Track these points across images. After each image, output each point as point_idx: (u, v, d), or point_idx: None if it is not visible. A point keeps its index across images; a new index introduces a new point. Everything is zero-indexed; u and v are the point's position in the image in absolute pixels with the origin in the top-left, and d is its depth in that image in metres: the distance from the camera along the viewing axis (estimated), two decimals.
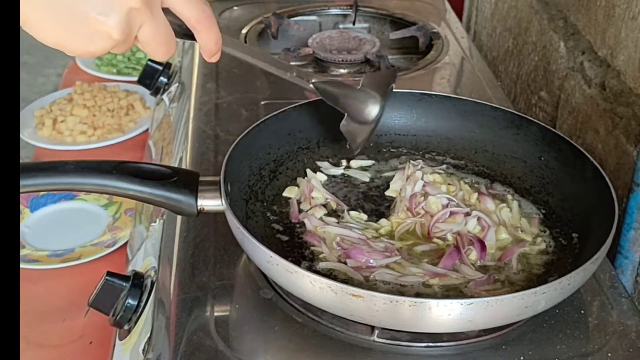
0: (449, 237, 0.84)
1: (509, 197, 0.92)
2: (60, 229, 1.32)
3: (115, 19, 0.62)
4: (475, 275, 0.79)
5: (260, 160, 0.93)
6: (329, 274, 0.79)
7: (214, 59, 0.75)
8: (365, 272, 0.79)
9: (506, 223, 0.87)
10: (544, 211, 0.90)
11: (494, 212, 0.89)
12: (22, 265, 1.20)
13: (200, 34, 0.71)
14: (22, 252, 1.25)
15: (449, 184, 0.92)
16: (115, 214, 1.34)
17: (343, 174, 0.96)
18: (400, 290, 0.77)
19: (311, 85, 0.87)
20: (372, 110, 0.89)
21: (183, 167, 1.02)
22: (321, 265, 0.80)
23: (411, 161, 0.96)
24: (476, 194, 0.91)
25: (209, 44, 0.73)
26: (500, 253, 0.83)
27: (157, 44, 0.67)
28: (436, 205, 0.87)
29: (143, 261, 0.97)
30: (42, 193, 1.36)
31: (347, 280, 0.78)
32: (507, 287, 0.79)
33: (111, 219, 1.33)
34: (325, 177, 0.95)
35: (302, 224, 0.87)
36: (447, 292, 0.77)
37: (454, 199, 0.89)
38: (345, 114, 0.88)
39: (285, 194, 0.91)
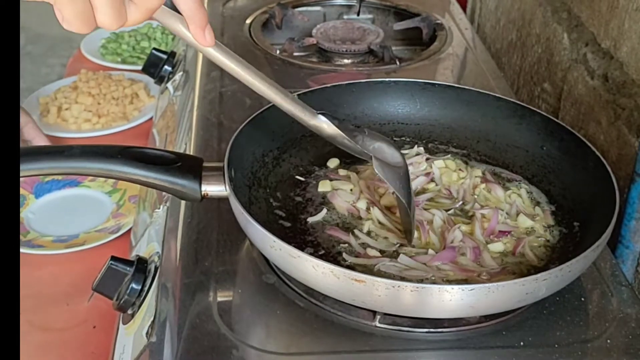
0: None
1: (523, 185, 0.93)
2: (65, 215, 1.32)
3: None
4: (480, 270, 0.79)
5: (264, 147, 0.93)
6: (330, 255, 0.79)
7: (209, 37, 0.67)
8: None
9: (521, 209, 0.88)
10: (545, 200, 0.91)
11: (503, 200, 0.89)
12: (26, 251, 1.20)
13: None
14: (27, 237, 1.25)
15: (460, 170, 0.93)
16: (119, 201, 1.35)
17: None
18: None
19: (321, 118, 0.79)
20: (395, 153, 0.83)
21: None
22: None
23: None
24: (484, 184, 0.92)
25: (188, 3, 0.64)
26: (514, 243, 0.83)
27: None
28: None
29: (147, 246, 0.97)
30: (47, 179, 1.37)
31: (351, 267, 0.78)
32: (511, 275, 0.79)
33: (115, 205, 1.34)
34: (338, 162, 0.97)
35: (305, 211, 0.87)
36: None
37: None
38: (373, 156, 0.81)
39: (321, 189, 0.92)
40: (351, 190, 0.90)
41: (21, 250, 1.20)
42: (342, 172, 0.95)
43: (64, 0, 0.57)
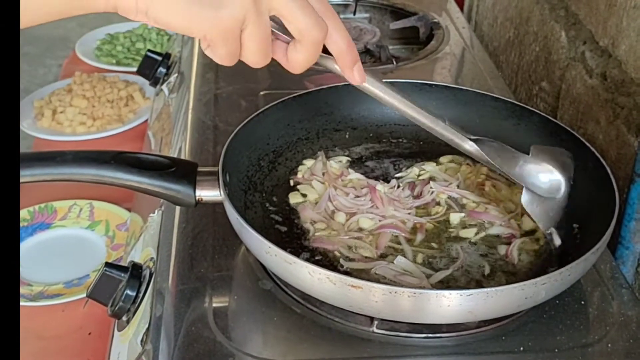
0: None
1: None
2: (56, 260, 1.25)
3: None
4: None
5: (259, 150, 0.92)
6: (327, 260, 0.78)
7: (357, 75, 0.71)
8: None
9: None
10: None
11: (509, 199, 0.89)
12: (46, 303, 1.14)
13: (334, 44, 0.67)
14: (34, 290, 1.17)
15: (467, 164, 0.94)
16: (107, 233, 1.30)
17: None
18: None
19: (470, 143, 0.81)
20: (556, 185, 0.82)
21: (182, 157, 1.02)
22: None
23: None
24: (490, 181, 0.91)
25: (346, 58, 0.69)
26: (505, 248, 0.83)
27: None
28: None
29: (141, 252, 0.96)
30: None
31: (348, 272, 0.78)
32: (508, 278, 0.78)
33: (106, 238, 1.29)
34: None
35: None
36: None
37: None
38: (524, 187, 0.81)
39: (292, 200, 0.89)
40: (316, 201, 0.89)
41: (39, 304, 1.13)
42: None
43: (218, 43, 0.62)
